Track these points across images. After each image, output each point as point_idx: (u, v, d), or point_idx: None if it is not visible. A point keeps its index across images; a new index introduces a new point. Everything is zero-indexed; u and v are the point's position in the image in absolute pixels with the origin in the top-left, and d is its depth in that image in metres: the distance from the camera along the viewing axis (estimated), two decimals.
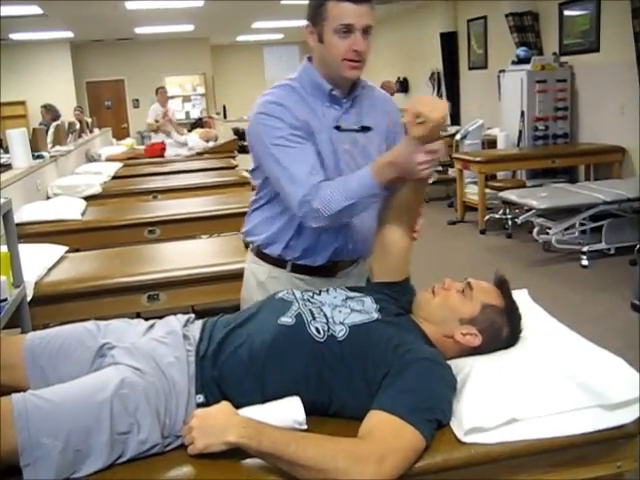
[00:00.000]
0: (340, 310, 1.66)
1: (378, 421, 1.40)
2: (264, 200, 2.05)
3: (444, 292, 1.73)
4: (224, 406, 1.44)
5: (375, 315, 1.66)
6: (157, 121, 9.05)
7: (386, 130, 2.05)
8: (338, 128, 1.94)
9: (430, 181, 1.89)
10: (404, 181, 1.78)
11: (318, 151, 1.89)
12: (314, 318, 1.62)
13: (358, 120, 1.98)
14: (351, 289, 1.81)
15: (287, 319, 1.61)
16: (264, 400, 1.51)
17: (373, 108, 2.03)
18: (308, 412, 1.47)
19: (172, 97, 15.10)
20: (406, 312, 1.76)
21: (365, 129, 1.99)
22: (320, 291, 1.78)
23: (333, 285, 1.88)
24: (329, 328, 1.59)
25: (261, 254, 2.08)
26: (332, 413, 1.56)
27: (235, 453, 1.38)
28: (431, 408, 1.44)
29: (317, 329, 1.58)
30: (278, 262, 2.05)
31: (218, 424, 1.38)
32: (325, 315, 1.63)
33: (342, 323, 1.61)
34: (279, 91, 1.94)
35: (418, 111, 1.59)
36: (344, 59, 1.84)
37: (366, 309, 1.68)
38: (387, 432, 1.37)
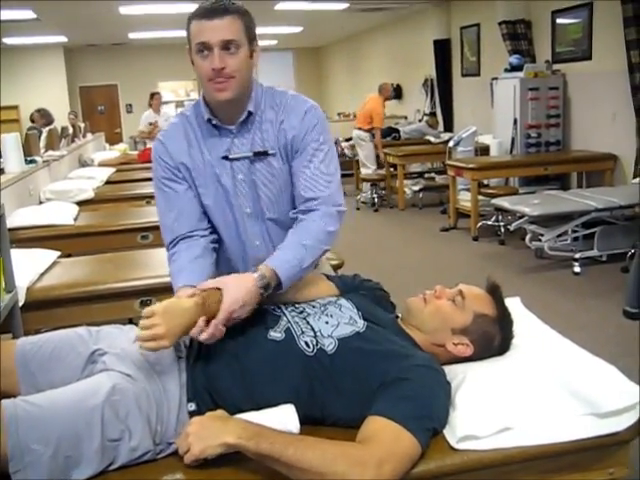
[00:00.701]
0: (326, 321, 1.65)
1: (377, 426, 1.40)
2: None
3: (435, 300, 1.72)
4: (220, 412, 1.44)
5: (361, 324, 1.65)
6: (151, 123, 9.07)
7: (283, 149, 1.84)
8: (227, 158, 1.83)
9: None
10: None
11: (199, 189, 1.86)
12: (302, 332, 1.61)
13: (252, 146, 1.83)
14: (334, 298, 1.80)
15: (277, 334, 1.60)
16: (256, 409, 1.50)
17: (273, 128, 1.84)
18: (301, 426, 1.46)
19: (166, 102, 15.08)
20: (390, 309, 1.78)
21: (260, 154, 1.83)
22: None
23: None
24: (317, 342, 1.58)
25: None
26: (327, 425, 1.55)
27: (229, 461, 1.38)
28: (429, 416, 1.44)
29: (306, 343, 1.57)
30: None
31: (215, 427, 1.37)
32: (312, 328, 1.62)
33: (330, 336, 1.60)
34: (171, 125, 1.92)
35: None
36: (209, 80, 1.74)
37: (350, 317, 1.67)
38: (386, 437, 1.37)
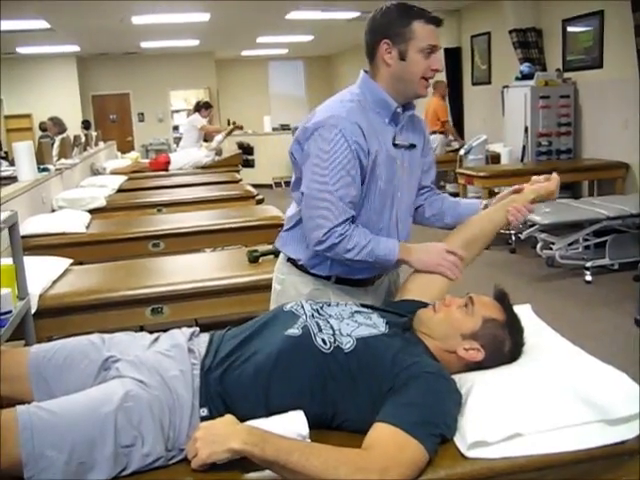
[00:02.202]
0: (347, 323, 1.67)
1: (382, 433, 1.40)
2: None
3: (445, 308, 1.73)
4: (228, 417, 1.44)
5: (382, 328, 1.67)
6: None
7: (422, 148, 2.15)
8: (395, 145, 2.01)
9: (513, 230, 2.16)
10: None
11: (376, 172, 1.95)
12: (320, 330, 1.62)
13: (407, 138, 2.06)
14: (360, 305, 1.83)
15: (294, 330, 1.62)
16: (268, 414, 1.51)
17: (414, 127, 2.12)
18: (311, 425, 1.47)
19: (177, 111, 15.24)
20: (411, 328, 1.77)
21: (412, 146, 2.08)
22: (329, 304, 1.80)
23: (369, 293, 2.06)
24: (335, 339, 1.59)
25: (304, 269, 2.10)
26: (335, 426, 1.56)
27: (238, 467, 1.38)
28: (436, 423, 1.44)
29: (323, 340, 1.59)
30: (322, 276, 2.08)
31: (222, 432, 1.38)
32: (332, 327, 1.64)
33: (349, 335, 1.61)
34: (351, 107, 1.95)
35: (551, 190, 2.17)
36: (422, 77, 1.94)
37: (374, 323, 1.69)
38: (391, 444, 1.37)
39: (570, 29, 7.43)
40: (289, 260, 2.14)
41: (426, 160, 2.21)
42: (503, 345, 1.70)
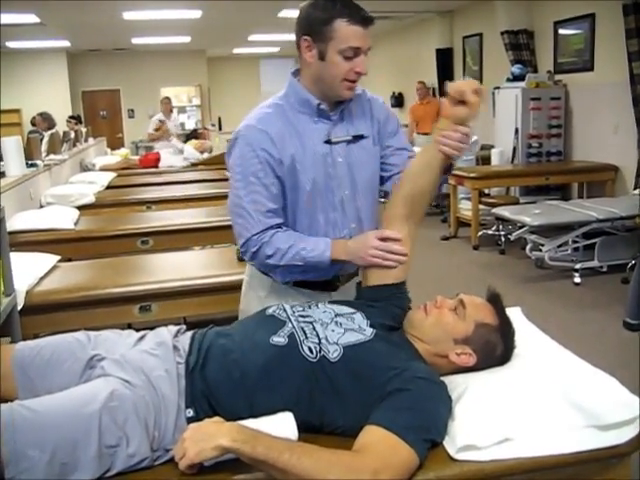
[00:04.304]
0: (332, 329, 1.64)
1: (374, 436, 1.39)
2: None
3: (437, 311, 1.71)
4: (217, 418, 1.42)
5: (369, 332, 1.64)
6: (157, 130, 9.20)
7: (377, 134, 2.02)
8: (329, 142, 1.92)
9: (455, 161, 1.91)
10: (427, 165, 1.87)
11: (298, 177, 1.88)
12: (307, 337, 1.60)
13: (348, 130, 1.96)
14: (340, 303, 1.79)
15: (279, 339, 1.59)
16: (253, 418, 1.48)
17: (363, 115, 2.00)
18: (300, 433, 1.45)
19: None
20: (399, 324, 1.76)
21: (357, 138, 1.97)
22: (310, 306, 1.76)
23: (331, 297, 1.94)
24: (321, 348, 1.57)
25: (262, 271, 2.06)
26: (325, 434, 1.54)
27: (226, 469, 1.37)
28: (427, 427, 1.43)
29: (310, 349, 1.56)
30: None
31: (211, 430, 1.36)
32: (317, 334, 1.61)
33: (336, 343, 1.59)
34: (266, 113, 1.92)
35: (461, 90, 1.72)
36: (344, 79, 1.84)
37: (359, 327, 1.66)
38: (383, 448, 1.36)
39: (562, 31, 7.46)
40: (243, 260, 2.14)
41: (387, 145, 2.04)
42: (495, 349, 1.69)
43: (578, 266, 5.37)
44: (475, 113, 1.77)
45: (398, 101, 12.24)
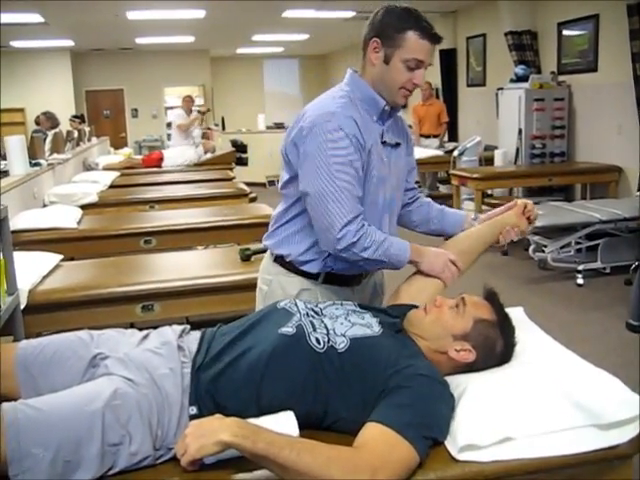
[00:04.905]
0: (341, 322, 1.66)
1: (374, 433, 1.39)
2: (296, 211, 2.02)
3: (436, 309, 1.73)
4: (218, 415, 1.42)
5: (377, 329, 1.66)
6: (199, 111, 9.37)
7: (406, 147, 2.14)
8: (384, 143, 2.00)
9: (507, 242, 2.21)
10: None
11: (371, 167, 1.93)
12: (314, 329, 1.61)
13: (393, 136, 2.05)
14: (355, 305, 1.81)
15: (288, 329, 1.61)
16: (259, 412, 1.50)
17: (397, 126, 2.10)
18: (302, 424, 1.46)
19: (171, 108, 15.15)
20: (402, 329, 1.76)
21: (398, 145, 2.07)
22: (324, 302, 1.80)
23: (355, 293, 2.05)
24: (329, 339, 1.58)
25: (293, 267, 2.06)
26: (325, 426, 1.55)
27: (227, 468, 1.37)
28: (428, 425, 1.43)
29: (317, 339, 1.58)
30: (311, 275, 2.04)
31: (212, 426, 1.36)
32: (326, 326, 1.63)
33: (343, 335, 1.60)
34: (344, 102, 1.93)
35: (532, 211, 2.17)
36: (402, 87, 1.92)
37: (367, 323, 1.68)
38: (382, 445, 1.36)
39: (565, 32, 7.44)
40: (276, 260, 2.10)
41: (410, 159, 2.21)
42: (495, 346, 1.69)
43: (581, 267, 5.36)
44: (526, 233, 2.24)
45: None
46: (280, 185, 2.08)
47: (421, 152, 8.42)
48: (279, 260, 2.09)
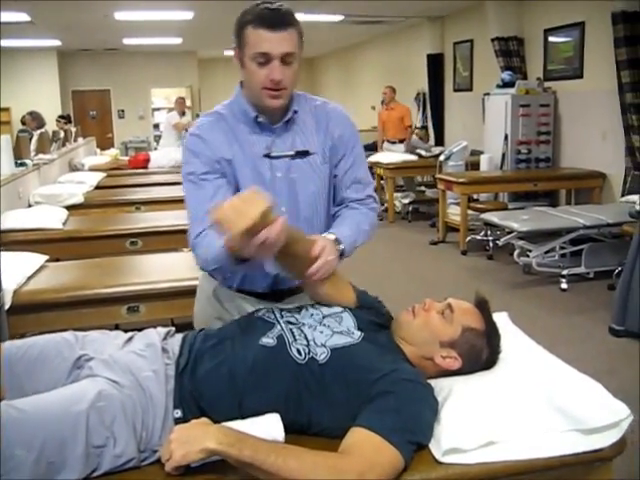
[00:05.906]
0: (321, 331, 1.65)
1: (360, 438, 1.40)
2: None
3: (424, 313, 1.72)
4: (203, 419, 1.43)
5: (357, 335, 1.65)
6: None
7: (329, 150, 1.92)
8: (268, 156, 1.86)
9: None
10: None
11: (238, 185, 1.85)
12: (295, 339, 1.60)
13: (293, 145, 1.88)
14: (328, 305, 1.79)
15: (268, 340, 1.60)
16: (241, 418, 1.49)
17: (317, 128, 1.92)
18: (286, 432, 1.46)
19: (158, 109, 15.15)
20: (387, 323, 1.77)
21: (302, 154, 1.89)
22: (299, 309, 1.77)
23: (279, 306, 1.85)
24: (310, 350, 1.57)
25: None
26: (311, 434, 1.55)
27: (212, 471, 1.37)
28: (413, 430, 1.44)
29: (298, 350, 1.57)
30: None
31: (197, 433, 1.36)
32: (306, 336, 1.62)
33: (324, 345, 1.59)
34: (205, 121, 1.92)
35: (218, 220, 1.47)
36: (264, 88, 1.77)
37: (347, 329, 1.67)
38: (368, 449, 1.36)
39: (551, 39, 7.51)
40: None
41: (339, 165, 1.95)
42: (481, 354, 1.70)
43: (565, 272, 5.40)
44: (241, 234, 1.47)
45: None
46: None
47: (389, 157, 8.55)
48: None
